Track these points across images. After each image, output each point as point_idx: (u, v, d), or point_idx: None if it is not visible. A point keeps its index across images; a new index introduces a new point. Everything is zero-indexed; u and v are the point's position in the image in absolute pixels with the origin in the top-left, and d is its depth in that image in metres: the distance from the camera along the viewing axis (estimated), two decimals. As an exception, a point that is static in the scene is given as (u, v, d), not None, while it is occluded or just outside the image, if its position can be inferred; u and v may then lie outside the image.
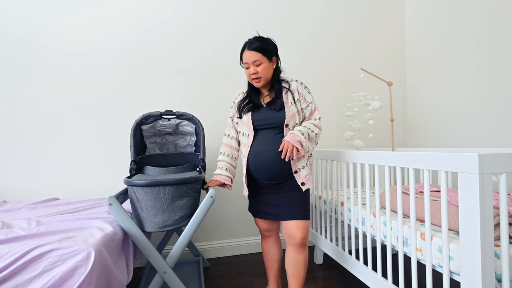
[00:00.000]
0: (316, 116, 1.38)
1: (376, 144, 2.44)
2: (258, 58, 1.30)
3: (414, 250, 1.14)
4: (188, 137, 1.76)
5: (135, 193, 1.28)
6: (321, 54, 2.35)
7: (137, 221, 1.31)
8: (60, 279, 0.88)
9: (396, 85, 2.49)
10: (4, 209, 1.54)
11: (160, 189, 1.25)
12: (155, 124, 1.60)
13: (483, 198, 0.86)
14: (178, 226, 1.32)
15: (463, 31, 1.96)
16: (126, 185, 1.30)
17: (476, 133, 1.90)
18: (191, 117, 1.55)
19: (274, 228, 1.49)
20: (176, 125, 1.66)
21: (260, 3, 2.22)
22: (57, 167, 1.91)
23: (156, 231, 1.28)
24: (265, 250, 1.51)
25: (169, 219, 1.28)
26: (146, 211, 1.27)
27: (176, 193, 1.28)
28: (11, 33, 1.86)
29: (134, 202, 1.29)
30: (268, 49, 1.33)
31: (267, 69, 1.33)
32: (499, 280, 0.91)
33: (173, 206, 1.28)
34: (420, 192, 1.38)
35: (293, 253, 1.34)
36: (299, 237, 1.31)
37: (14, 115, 1.86)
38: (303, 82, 1.40)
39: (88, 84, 1.96)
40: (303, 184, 1.34)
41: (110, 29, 1.99)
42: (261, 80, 1.34)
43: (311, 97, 1.39)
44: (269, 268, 1.50)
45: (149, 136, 1.67)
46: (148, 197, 1.25)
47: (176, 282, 1.29)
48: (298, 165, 1.33)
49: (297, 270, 1.34)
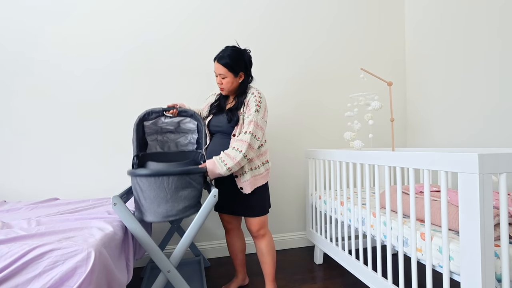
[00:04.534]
0: (247, 129, 1.39)
1: (376, 144, 2.44)
2: (223, 72, 1.43)
3: (414, 250, 1.14)
4: (189, 135, 1.76)
5: (138, 184, 1.28)
6: (321, 54, 2.35)
7: (139, 211, 1.31)
8: (60, 279, 0.88)
9: (396, 85, 2.49)
10: (4, 209, 1.53)
11: (164, 179, 1.25)
12: (157, 121, 1.60)
13: (483, 198, 0.86)
14: (181, 217, 1.31)
15: (463, 31, 1.96)
16: (129, 175, 1.31)
17: (476, 133, 1.90)
18: (193, 113, 1.55)
19: (235, 221, 1.62)
20: (177, 123, 1.66)
21: (262, 5, 2.22)
22: (57, 167, 1.91)
23: (159, 221, 1.28)
24: (229, 242, 1.65)
25: (173, 209, 1.28)
26: (150, 201, 1.27)
27: (180, 183, 1.28)
28: (11, 36, 1.86)
29: (138, 192, 1.30)
30: (234, 67, 1.43)
31: (231, 83, 1.46)
32: (499, 280, 0.91)
33: (177, 196, 1.28)
34: (420, 192, 1.38)
35: (255, 243, 1.55)
36: (253, 230, 1.51)
37: (14, 115, 1.86)
38: (258, 94, 1.45)
39: (88, 84, 1.96)
40: (242, 188, 1.45)
41: (111, 31, 1.99)
42: (224, 90, 1.49)
43: (255, 109, 1.41)
44: (235, 259, 1.66)
45: (151, 133, 1.67)
46: (152, 187, 1.25)
47: (180, 281, 1.29)
48: (240, 171, 1.44)
49: (262, 256, 1.53)
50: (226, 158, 1.36)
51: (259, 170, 1.48)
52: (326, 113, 2.36)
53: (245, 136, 1.38)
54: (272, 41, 2.24)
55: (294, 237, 2.30)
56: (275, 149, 2.26)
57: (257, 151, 1.47)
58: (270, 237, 1.55)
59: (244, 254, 1.67)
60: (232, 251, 1.65)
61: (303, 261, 2.04)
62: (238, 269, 1.67)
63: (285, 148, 2.28)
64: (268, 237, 1.53)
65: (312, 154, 2.01)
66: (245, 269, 1.69)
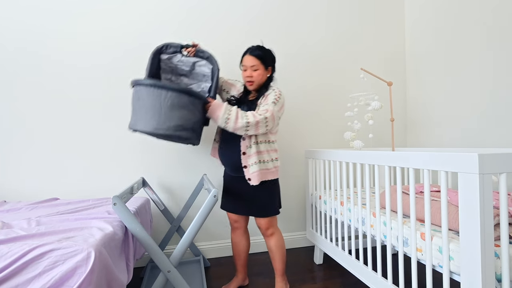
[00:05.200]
0: (261, 112, 1.42)
1: (376, 144, 2.44)
2: (256, 63, 1.49)
3: (414, 250, 1.14)
4: (202, 84, 1.74)
5: (137, 92, 1.30)
6: (321, 54, 2.35)
7: (132, 120, 1.33)
8: (60, 279, 0.88)
9: (396, 85, 2.49)
10: (4, 209, 1.54)
11: (162, 92, 1.26)
12: (173, 58, 1.58)
13: (483, 198, 0.86)
14: (171, 134, 1.30)
15: (463, 31, 1.96)
16: (132, 85, 1.33)
17: (476, 133, 1.90)
18: (210, 55, 1.55)
19: (242, 220, 1.63)
20: (193, 64, 1.64)
21: (259, 3, 2.22)
22: (57, 167, 1.91)
23: (149, 131, 1.28)
24: (234, 241, 1.67)
25: (164, 124, 1.27)
26: (144, 110, 1.27)
27: (177, 101, 1.28)
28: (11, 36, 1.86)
29: (135, 102, 1.32)
30: (266, 59, 1.52)
31: (261, 75, 1.52)
32: (499, 280, 0.91)
33: (171, 113, 1.28)
34: (420, 192, 1.38)
35: (265, 240, 1.60)
36: (262, 228, 1.56)
37: (14, 115, 1.86)
38: (279, 91, 1.50)
39: (88, 84, 1.96)
40: (249, 179, 1.47)
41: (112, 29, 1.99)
42: (253, 84, 1.52)
43: (273, 101, 1.45)
44: (237, 258, 1.67)
45: (165, 71, 1.65)
46: (149, 97, 1.26)
47: (180, 281, 1.29)
48: (249, 161, 1.47)
49: (271, 253, 1.58)
50: (233, 113, 1.39)
51: (267, 165, 1.50)
52: (326, 113, 2.36)
53: (258, 115, 1.41)
54: (272, 40, 2.24)
55: (294, 237, 2.30)
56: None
57: (268, 145, 1.51)
58: (279, 235, 1.59)
59: (247, 255, 1.68)
60: (236, 250, 1.66)
61: (303, 261, 2.04)
62: (239, 269, 1.68)
63: (285, 148, 2.28)
64: (277, 236, 1.58)
65: (312, 154, 2.01)
66: (246, 270, 1.70)
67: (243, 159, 1.48)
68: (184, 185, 2.07)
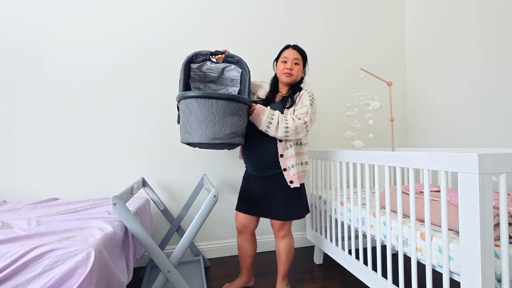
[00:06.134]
0: (301, 116, 1.43)
1: (376, 144, 2.44)
2: (298, 58, 1.54)
3: (414, 250, 1.14)
4: (230, 88, 1.74)
5: (188, 106, 1.31)
6: (321, 54, 2.35)
7: (186, 133, 1.33)
8: (60, 279, 0.88)
9: (396, 85, 2.49)
10: (4, 209, 1.53)
11: (212, 102, 1.28)
12: (202, 66, 1.59)
13: (483, 198, 0.86)
14: (227, 142, 1.32)
15: (462, 31, 1.96)
16: (179, 99, 1.34)
17: (476, 133, 1.90)
18: (239, 59, 1.55)
19: (251, 226, 1.62)
20: (222, 70, 1.64)
21: (259, 3, 2.22)
22: (57, 167, 1.91)
23: (205, 142, 1.30)
24: (240, 245, 1.65)
25: (220, 132, 1.30)
26: (198, 123, 1.29)
27: (228, 109, 1.31)
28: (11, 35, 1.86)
29: (187, 115, 1.32)
30: (306, 58, 1.59)
31: (300, 71, 1.56)
32: (499, 280, 0.91)
33: (224, 121, 1.30)
34: (420, 192, 1.38)
35: (276, 240, 1.59)
36: (274, 229, 1.56)
37: (14, 115, 1.86)
38: (312, 93, 1.51)
39: (88, 84, 1.96)
40: (291, 182, 1.46)
41: (112, 29, 1.99)
42: (292, 76, 1.53)
43: (309, 102, 1.46)
44: (242, 261, 1.66)
45: (194, 80, 1.66)
46: (201, 108, 1.28)
47: (180, 281, 1.29)
48: (288, 164, 1.46)
49: (278, 254, 1.57)
50: (275, 117, 1.40)
51: (304, 167, 1.52)
52: (326, 113, 2.36)
53: (297, 120, 1.41)
54: (271, 40, 2.24)
55: (294, 237, 2.30)
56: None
57: (299, 147, 1.51)
58: (290, 239, 1.57)
59: (252, 259, 1.67)
60: (242, 254, 1.65)
61: (303, 261, 2.04)
62: (243, 272, 1.67)
63: (285, 148, 2.28)
64: (287, 240, 1.55)
65: (312, 154, 2.01)
66: (250, 272, 1.68)
67: (282, 161, 1.47)
68: (184, 185, 2.07)
